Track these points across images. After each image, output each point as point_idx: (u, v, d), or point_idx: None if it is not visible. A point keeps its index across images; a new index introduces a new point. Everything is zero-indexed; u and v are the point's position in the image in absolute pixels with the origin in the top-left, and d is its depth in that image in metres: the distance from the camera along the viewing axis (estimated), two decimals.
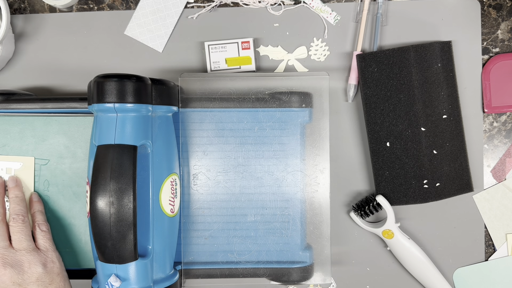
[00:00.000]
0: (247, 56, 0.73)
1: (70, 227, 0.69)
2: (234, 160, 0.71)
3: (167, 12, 0.74)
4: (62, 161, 0.68)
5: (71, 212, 0.69)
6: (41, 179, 0.68)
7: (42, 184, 0.68)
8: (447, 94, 0.71)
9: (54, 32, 0.76)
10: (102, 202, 0.57)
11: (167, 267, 0.66)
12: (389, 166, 0.71)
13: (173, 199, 0.65)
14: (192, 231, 0.71)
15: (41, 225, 0.65)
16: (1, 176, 0.68)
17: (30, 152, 0.68)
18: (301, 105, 0.70)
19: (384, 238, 0.73)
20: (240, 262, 0.71)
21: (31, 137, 0.68)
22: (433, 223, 0.75)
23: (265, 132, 0.70)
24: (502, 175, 0.74)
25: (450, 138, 0.71)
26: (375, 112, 0.71)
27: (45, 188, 0.68)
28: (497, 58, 0.73)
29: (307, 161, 0.71)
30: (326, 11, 0.74)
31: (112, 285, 0.60)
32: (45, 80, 0.76)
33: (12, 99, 0.69)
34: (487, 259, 0.75)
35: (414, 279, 0.75)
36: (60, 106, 0.69)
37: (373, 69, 0.71)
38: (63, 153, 0.68)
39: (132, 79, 0.60)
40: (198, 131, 0.71)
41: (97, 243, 0.58)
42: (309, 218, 0.71)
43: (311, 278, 0.71)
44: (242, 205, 0.71)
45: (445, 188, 0.71)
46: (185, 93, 0.70)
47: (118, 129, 0.60)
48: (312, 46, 0.74)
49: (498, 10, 0.74)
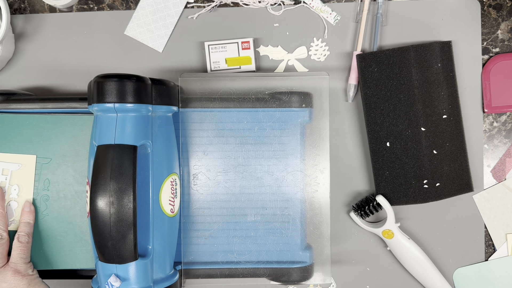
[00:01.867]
0: (247, 56, 0.73)
1: (71, 226, 0.69)
2: (234, 160, 0.71)
3: (167, 12, 0.75)
4: (65, 160, 0.68)
5: (71, 212, 0.69)
6: (41, 178, 0.68)
7: (43, 183, 0.68)
8: (447, 94, 0.71)
9: (54, 32, 0.76)
10: (102, 202, 0.57)
11: (167, 267, 0.66)
12: (389, 166, 0.71)
13: (173, 199, 0.65)
14: (192, 231, 0.71)
15: (20, 237, 0.66)
16: None
17: (32, 151, 0.68)
18: (301, 105, 0.70)
19: (384, 238, 0.73)
20: (240, 262, 0.71)
21: (33, 135, 0.68)
22: (433, 223, 0.75)
23: (265, 132, 0.70)
24: (502, 175, 0.74)
25: (450, 138, 0.71)
26: (375, 112, 0.71)
27: (45, 187, 0.68)
28: (497, 58, 0.73)
29: (307, 161, 0.71)
30: (326, 11, 0.74)
31: (112, 285, 0.60)
32: (45, 80, 0.76)
33: (12, 99, 0.69)
34: (487, 259, 0.75)
35: (414, 279, 0.75)
36: (60, 106, 0.69)
37: (373, 69, 0.71)
38: (65, 152, 0.68)
39: (132, 79, 0.60)
40: (198, 131, 0.71)
41: (97, 243, 0.58)
42: (309, 218, 0.71)
43: (311, 278, 0.71)
44: (242, 205, 0.71)
45: (445, 188, 0.71)
46: (185, 93, 0.70)
47: (118, 129, 0.60)
48: (312, 46, 0.74)
49: (498, 10, 0.74)
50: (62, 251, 0.68)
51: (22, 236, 0.66)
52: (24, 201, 0.68)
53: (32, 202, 0.68)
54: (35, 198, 0.68)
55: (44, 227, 0.68)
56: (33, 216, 0.67)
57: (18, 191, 0.68)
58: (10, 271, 0.64)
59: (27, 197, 0.68)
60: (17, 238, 0.66)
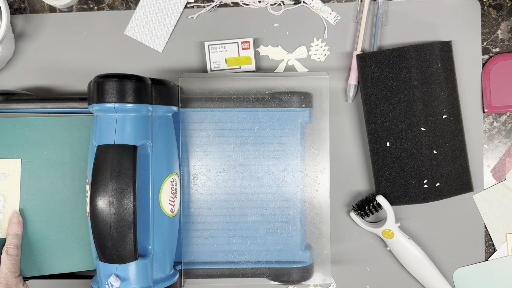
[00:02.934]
0: (247, 56, 0.73)
1: (70, 227, 0.69)
2: (234, 160, 0.71)
3: (167, 12, 0.74)
4: (52, 163, 0.67)
5: (71, 213, 0.68)
6: (28, 182, 0.66)
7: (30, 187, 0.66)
8: (447, 94, 0.71)
9: (54, 32, 0.76)
10: (102, 202, 0.57)
11: (167, 267, 0.66)
12: (389, 166, 0.71)
13: (173, 199, 0.65)
14: (192, 231, 0.71)
15: (9, 249, 0.63)
16: None
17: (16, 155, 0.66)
18: (301, 105, 0.70)
19: (384, 238, 0.73)
20: (240, 262, 0.71)
21: (29, 137, 0.67)
22: (433, 223, 0.75)
23: (265, 132, 0.70)
24: (502, 175, 0.74)
25: (450, 138, 0.71)
26: (375, 112, 0.71)
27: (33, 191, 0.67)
28: (497, 58, 0.73)
29: (307, 161, 0.71)
30: (326, 11, 0.74)
31: (112, 285, 0.60)
32: (45, 80, 0.76)
33: (12, 99, 0.69)
34: (487, 259, 0.75)
35: (414, 279, 0.75)
36: (60, 106, 0.69)
37: (373, 69, 0.71)
38: (52, 155, 0.67)
39: (132, 79, 0.60)
40: (198, 131, 0.71)
41: (97, 243, 0.58)
42: (309, 218, 0.71)
43: (311, 278, 0.71)
44: (242, 205, 0.71)
45: (445, 188, 0.71)
46: (185, 93, 0.70)
47: (118, 129, 0.60)
48: (312, 46, 0.74)
49: (498, 10, 0.74)
50: (54, 256, 0.67)
51: (11, 249, 0.63)
52: (11, 211, 0.66)
53: (19, 211, 0.66)
54: (22, 203, 0.66)
55: (34, 232, 0.66)
56: (21, 227, 0.65)
57: (4, 202, 0.66)
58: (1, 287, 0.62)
59: (13, 207, 0.66)
60: (6, 251, 0.63)
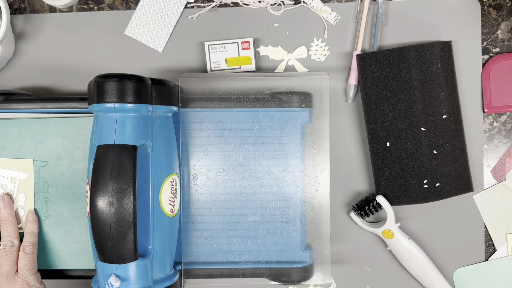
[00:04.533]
0: (247, 56, 0.73)
1: (70, 228, 0.69)
2: (234, 160, 0.71)
3: (167, 12, 0.74)
4: (61, 163, 0.68)
5: (71, 213, 0.69)
6: (40, 181, 0.68)
7: (42, 186, 0.68)
8: (447, 94, 0.71)
9: (54, 32, 0.76)
10: (102, 202, 0.57)
11: (167, 267, 0.66)
12: (389, 166, 0.71)
13: (173, 199, 0.65)
14: (192, 231, 0.71)
15: (26, 247, 0.65)
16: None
17: (29, 154, 0.68)
18: (301, 105, 0.70)
19: (384, 238, 0.73)
20: (240, 262, 0.71)
21: (29, 139, 0.68)
22: (433, 223, 0.75)
23: (265, 132, 0.70)
24: (502, 175, 0.74)
25: (450, 138, 0.71)
26: (375, 112, 0.71)
27: (45, 189, 0.68)
28: (497, 58, 0.73)
29: (307, 161, 0.71)
30: (326, 11, 0.74)
31: (112, 285, 0.60)
32: (45, 80, 0.76)
33: (12, 99, 0.69)
34: (487, 259, 0.75)
35: (414, 279, 0.75)
36: (60, 106, 0.69)
37: (373, 69, 0.71)
38: (61, 154, 0.68)
39: (132, 79, 0.60)
40: (198, 131, 0.71)
41: (97, 243, 0.58)
42: (309, 218, 0.71)
43: (311, 278, 0.71)
44: (242, 205, 0.71)
45: (445, 188, 0.71)
46: (185, 93, 0.70)
47: (118, 129, 0.60)
48: (312, 46, 0.74)
49: (498, 10, 0.74)
50: (63, 252, 0.69)
51: (27, 247, 0.65)
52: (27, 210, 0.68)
53: (34, 209, 0.68)
54: (36, 201, 0.69)
55: (46, 229, 0.69)
56: (36, 226, 0.68)
57: (25, 199, 0.68)
58: (19, 282, 0.64)
59: (29, 206, 0.69)
60: (23, 249, 0.65)
